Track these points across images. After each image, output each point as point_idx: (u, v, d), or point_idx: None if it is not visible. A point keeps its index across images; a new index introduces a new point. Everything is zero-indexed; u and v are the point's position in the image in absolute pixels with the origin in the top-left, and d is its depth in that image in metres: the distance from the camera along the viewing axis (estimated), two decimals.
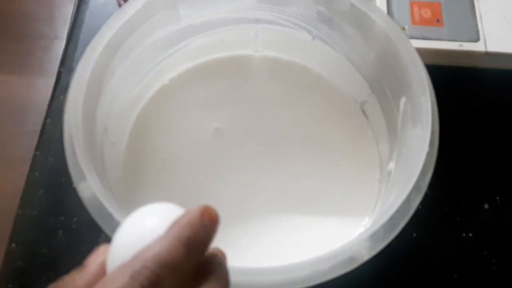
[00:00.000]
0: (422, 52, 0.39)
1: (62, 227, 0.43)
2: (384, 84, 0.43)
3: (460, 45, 0.48)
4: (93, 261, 0.23)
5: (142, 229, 0.23)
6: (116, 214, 0.31)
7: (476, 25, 0.50)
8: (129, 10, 0.40)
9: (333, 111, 0.48)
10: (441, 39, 0.49)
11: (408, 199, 0.33)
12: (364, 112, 0.47)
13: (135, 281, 0.20)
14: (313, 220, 0.42)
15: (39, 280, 0.40)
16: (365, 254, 0.31)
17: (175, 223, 0.23)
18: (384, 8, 0.50)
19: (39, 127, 0.47)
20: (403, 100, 0.40)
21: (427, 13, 0.50)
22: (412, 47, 0.39)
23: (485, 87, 0.50)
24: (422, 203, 0.33)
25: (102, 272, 0.22)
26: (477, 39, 0.49)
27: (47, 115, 0.48)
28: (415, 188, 0.33)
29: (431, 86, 0.38)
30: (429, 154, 0.34)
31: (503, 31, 0.49)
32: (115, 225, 0.31)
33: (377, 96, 0.45)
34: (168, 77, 0.48)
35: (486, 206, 0.45)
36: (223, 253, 0.25)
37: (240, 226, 0.41)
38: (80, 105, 0.36)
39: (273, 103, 0.48)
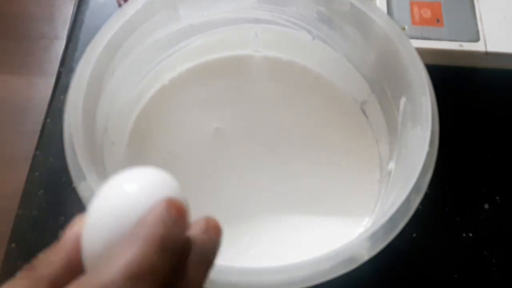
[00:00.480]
0: (422, 52, 0.39)
1: (62, 227, 0.42)
2: (384, 84, 0.43)
3: (460, 45, 0.48)
4: (68, 234, 0.21)
5: (120, 197, 0.21)
6: None
7: (476, 25, 0.50)
8: (129, 10, 0.40)
9: (333, 111, 0.48)
10: (441, 39, 0.49)
11: (408, 199, 0.33)
12: (364, 112, 0.47)
13: None
14: (313, 220, 0.42)
15: None
16: (365, 254, 0.31)
17: (141, 222, 0.19)
18: (384, 8, 0.50)
19: (39, 127, 0.47)
20: (403, 100, 0.40)
21: (427, 13, 0.50)
22: (412, 47, 0.39)
23: (485, 87, 0.50)
24: (422, 203, 0.33)
25: (77, 245, 0.20)
26: (477, 39, 0.49)
27: (47, 115, 0.48)
28: (415, 188, 0.33)
29: (431, 86, 0.38)
30: (429, 154, 0.34)
31: (503, 31, 0.49)
32: None
33: (377, 96, 0.45)
34: (168, 77, 0.48)
35: (486, 206, 0.45)
36: (214, 224, 0.22)
37: (240, 226, 0.41)
38: (80, 105, 0.36)
39: (273, 103, 0.48)
